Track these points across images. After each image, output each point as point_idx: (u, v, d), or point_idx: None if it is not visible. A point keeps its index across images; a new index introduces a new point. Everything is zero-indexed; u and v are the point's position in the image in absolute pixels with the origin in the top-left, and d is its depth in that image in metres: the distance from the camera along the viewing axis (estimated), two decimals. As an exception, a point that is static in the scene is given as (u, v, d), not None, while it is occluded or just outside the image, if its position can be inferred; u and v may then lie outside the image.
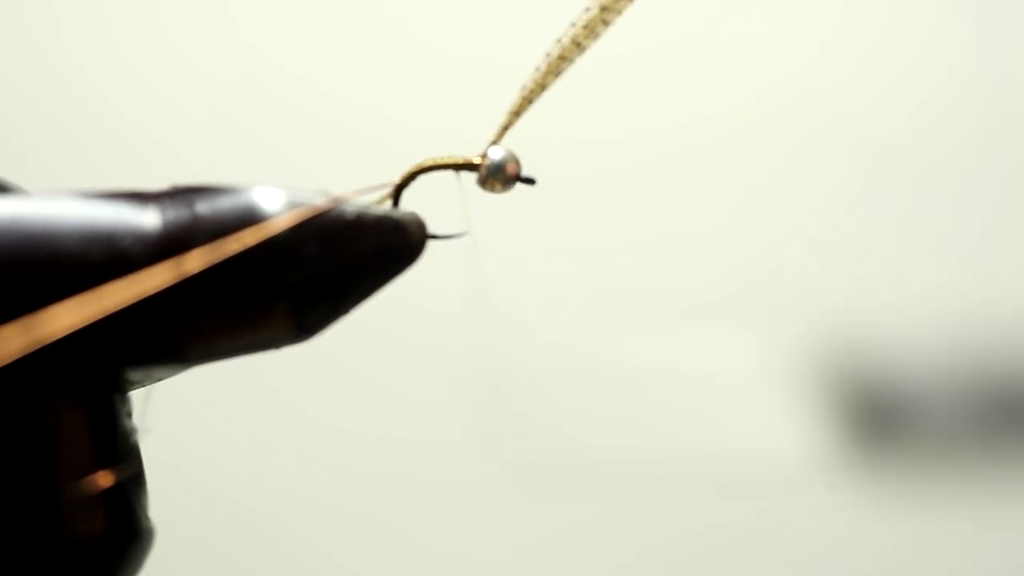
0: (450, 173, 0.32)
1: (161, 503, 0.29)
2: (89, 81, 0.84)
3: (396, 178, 0.31)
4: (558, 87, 0.33)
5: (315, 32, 0.83)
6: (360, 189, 0.29)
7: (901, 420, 0.84)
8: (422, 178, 0.32)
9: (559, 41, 0.32)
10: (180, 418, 0.82)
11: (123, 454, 0.27)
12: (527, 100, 0.33)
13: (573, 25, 0.32)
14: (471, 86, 0.82)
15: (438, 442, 0.81)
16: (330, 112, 0.83)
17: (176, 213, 0.26)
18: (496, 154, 0.32)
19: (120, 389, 0.27)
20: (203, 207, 0.26)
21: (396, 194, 0.31)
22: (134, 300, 0.25)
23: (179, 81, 0.83)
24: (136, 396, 0.28)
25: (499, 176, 0.32)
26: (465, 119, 0.81)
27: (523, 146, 0.33)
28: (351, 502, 0.85)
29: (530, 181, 0.33)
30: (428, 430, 0.83)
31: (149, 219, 0.26)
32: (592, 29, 0.32)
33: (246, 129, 0.83)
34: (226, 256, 0.25)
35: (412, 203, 0.31)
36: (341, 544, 0.85)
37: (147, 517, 0.27)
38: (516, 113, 0.33)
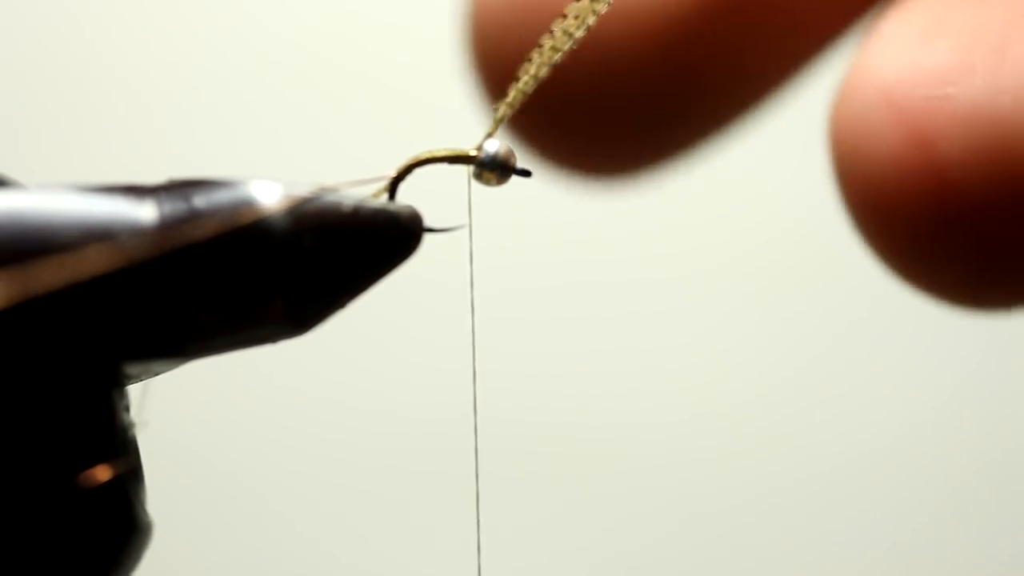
0: (445, 166, 0.33)
1: (159, 497, 0.29)
2: (86, 76, 0.83)
3: (392, 171, 0.31)
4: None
5: (314, 24, 0.83)
6: (356, 182, 0.29)
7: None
8: (418, 171, 0.32)
9: (551, 32, 0.32)
10: (178, 412, 0.82)
11: (121, 448, 0.27)
12: (522, 92, 0.33)
13: (564, 16, 0.32)
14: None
15: (432, 419, 0.81)
16: (327, 105, 0.83)
17: (172, 206, 0.26)
18: (491, 147, 0.32)
19: (117, 383, 0.27)
20: (200, 200, 0.26)
21: (392, 187, 0.31)
22: (131, 292, 0.25)
23: (177, 77, 0.83)
24: (133, 390, 0.28)
25: (494, 169, 0.32)
26: (464, 111, 0.81)
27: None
28: (347, 493, 0.85)
29: (526, 173, 0.33)
30: (421, 409, 0.83)
31: (146, 213, 0.26)
32: (583, 19, 0.32)
33: (243, 123, 0.83)
34: (220, 247, 0.25)
35: (408, 196, 0.31)
36: (337, 536, 0.85)
37: (145, 511, 0.27)
38: (511, 105, 0.33)
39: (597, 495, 0.85)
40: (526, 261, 0.84)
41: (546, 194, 0.83)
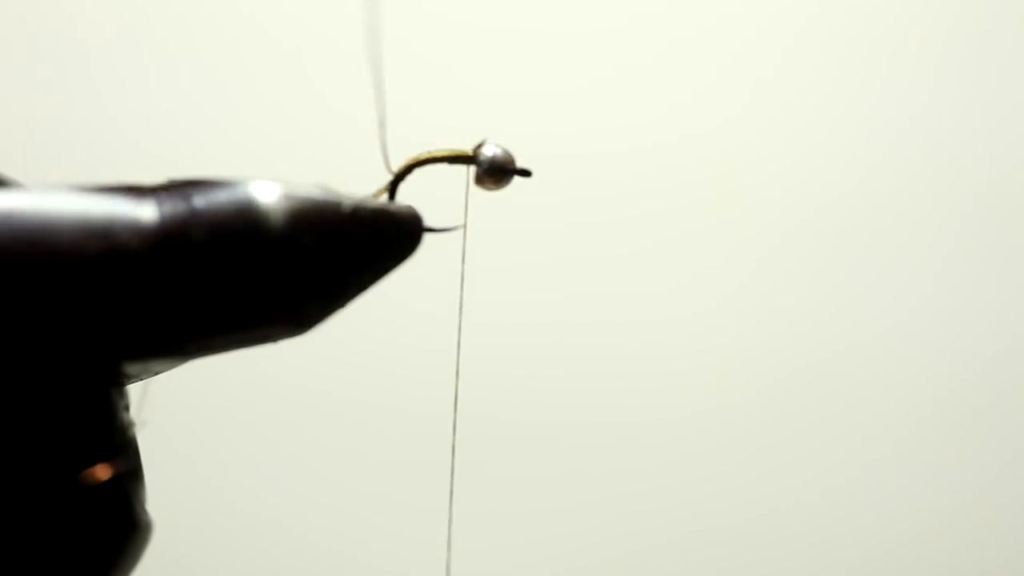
0: (445, 167, 0.33)
1: (159, 496, 0.29)
2: (86, 76, 0.83)
3: (392, 171, 0.31)
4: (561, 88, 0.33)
5: (313, 26, 0.83)
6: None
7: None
8: (417, 171, 0.32)
9: None
10: (177, 411, 0.81)
11: (121, 448, 0.26)
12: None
13: None
14: (468, 79, 0.82)
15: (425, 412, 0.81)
16: (328, 105, 0.83)
17: (173, 206, 0.26)
18: (489, 150, 0.32)
19: (118, 383, 0.27)
20: (200, 200, 0.26)
21: (392, 187, 0.31)
22: (130, 291, 0.25)
23: (177, 75, 0.83)
24: (133, 389, 0.28)
25: (495, 170, 0.32)
26: (462, 112, 0.82)
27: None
28: (348, 491, 0.85)
29: (526, 173, 0.33)
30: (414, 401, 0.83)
31: (146, 212, 0.26)
32: None
33: (243, 122, 0.83)
34: (219, 246, 0.25)
35: (407, 196, 0.31)
36: (336, 532, 0.85)
37: (145, 510, 0.27)
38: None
39: (583, 492, 0.85)
40: (519, 259, 0.84)
41: (544, 195, 0.83)
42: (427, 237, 0.29)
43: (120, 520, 0.26)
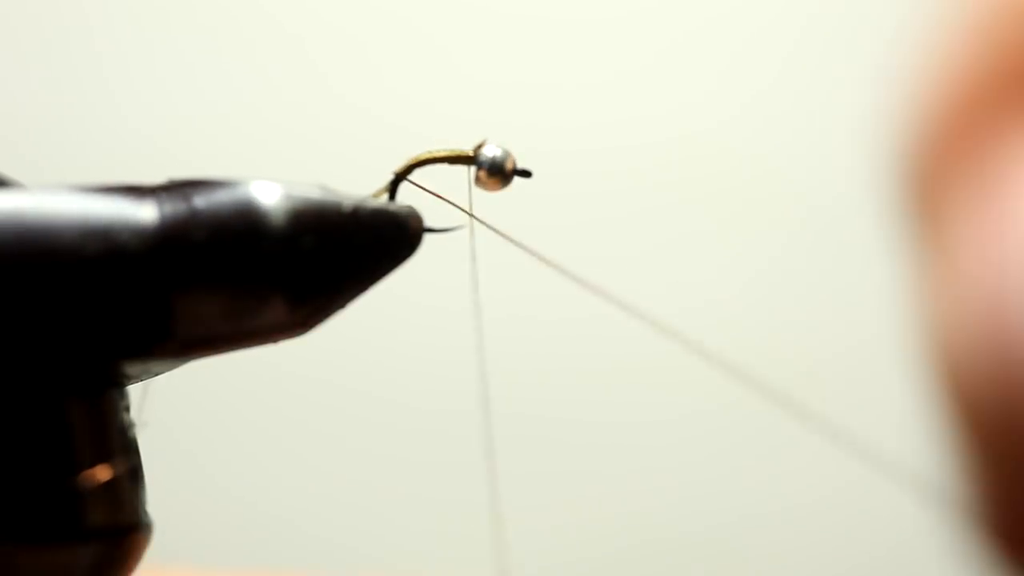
0: (445, 167, 0.32)
1: (159, 497, 0.29)
2: (85, 76, 0.83)
3: (392, 171, 0.31)
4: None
5: (312, 27, 0.83)
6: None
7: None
8: (418, 171, 0.32)
9: None
10: (178, 412, 0.82)
11: (121, 448, 0.27)
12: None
13: None
14: (465, 81, 0.82)
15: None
16: (328, 106, 0.83)
17: (173, 207, 0.26)
18: (490, 151, 0.32)
19: (118, 383, 0.27)
20: (200, 201, 0.26)
21: (393, 188, 0.31)
22: (130, 292, 0.25)
23: (177, 75, 0.83)
24: (133, 390, 0.28)
25: (495, 171, 0.32)
26: (460, 113, 0.82)
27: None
28: (352, 491, 0.85)
29: (526, 174, 0.33)
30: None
31: (146, 213, 0.26)
32: None
33: (253, 118, 0.83)
34: (220, 247, 0.25)
35: (408, 197, 0.31)
36: (344, 531, 0.85)
37: (145, 512, 0.27)
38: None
39: (603, 490, 0.85)
40: (520, 256, 0.84)
41: (549, 190, 0.83)
42: (432, 236, 0.29)
43: (120, 522, 0.26)
